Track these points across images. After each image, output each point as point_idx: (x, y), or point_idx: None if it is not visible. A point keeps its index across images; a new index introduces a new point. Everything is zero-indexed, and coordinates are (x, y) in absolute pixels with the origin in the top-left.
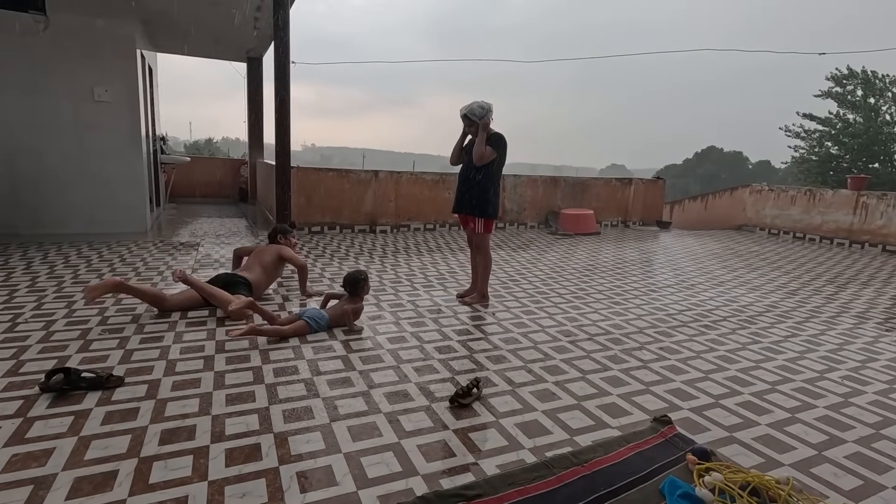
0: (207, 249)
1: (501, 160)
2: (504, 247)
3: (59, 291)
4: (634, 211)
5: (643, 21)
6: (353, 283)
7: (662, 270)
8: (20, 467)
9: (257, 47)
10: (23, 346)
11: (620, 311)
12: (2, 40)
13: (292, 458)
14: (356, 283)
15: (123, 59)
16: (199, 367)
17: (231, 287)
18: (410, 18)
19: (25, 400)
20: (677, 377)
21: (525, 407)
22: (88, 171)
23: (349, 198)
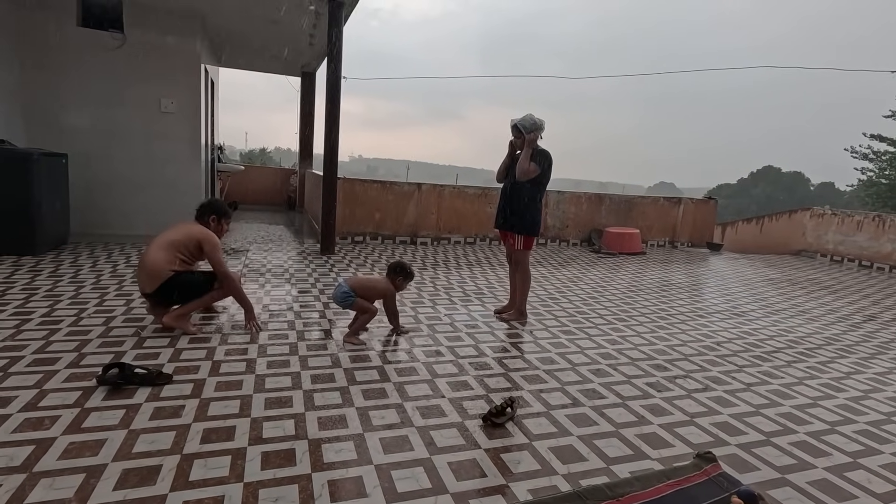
0: (255, 255)
1: (545, 178)
2: (545, 264)
3: (119, 289)
4: (683, 231)
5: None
6: (403, 269)
7: (712, 295)
8: (75, 455)
9: (311, 63)
10: (85, 339)
11: (665, 335)
12: (85, 56)
13: (325, 465)
14: (405, 269)
15: (189, 74)
16: (242, 369)
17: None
18: (459, 33)
19: (84, 391)
20: (725, 410)
21: (560, 431)
22: (152, 176)
23: (392, 209)
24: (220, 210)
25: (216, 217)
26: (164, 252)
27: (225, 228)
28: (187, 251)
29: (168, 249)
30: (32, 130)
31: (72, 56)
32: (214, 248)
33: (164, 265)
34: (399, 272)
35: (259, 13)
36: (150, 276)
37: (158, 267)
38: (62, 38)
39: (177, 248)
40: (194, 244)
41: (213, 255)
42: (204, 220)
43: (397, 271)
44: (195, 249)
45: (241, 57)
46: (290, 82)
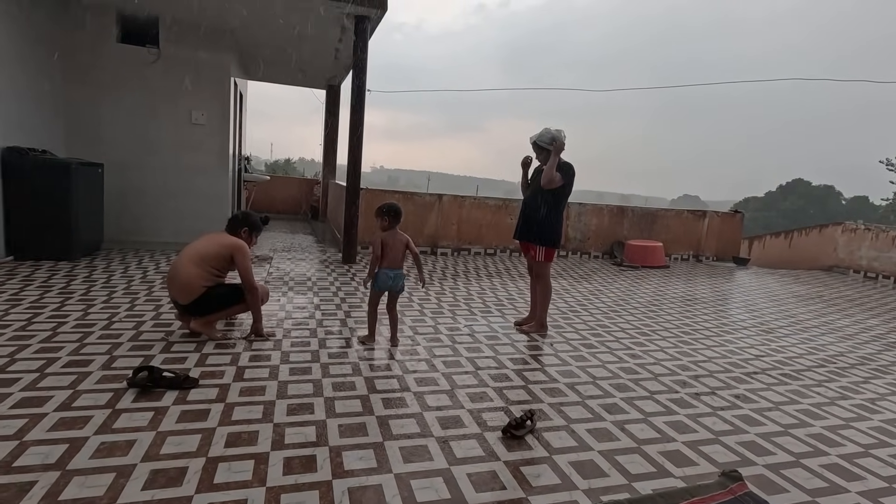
0: (279, 263)
1: (567, 189)
2: (566, 276)
3: (149, 295)
4: (708, 245)
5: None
6: (397, 212)
7: (738, 310)
8: (106, 455)
9: (336, 76)
10: (116, 342)
11: (689, 351)
12: (123, 70)
13: (345, 473)
14: (399, 212)
15: (219, 87)
16: (265, 375)
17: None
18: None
19: (114, 393)
20: (752, 429)
21: (581, 445)
22: (181, 185)
23: (413, 220)
24: (253, 224)
25: (248, 230)
26: (198, 268)
27: (254, 242)
28: (219, 265)
29: (201, 265)
30: (71, 141)
31: (110, 71)
32: (245, 257)
33: (198, 281)
34: (243, 223)
35: (287, 28)
36: (184, 291)
37: (193, 283)
38: (102, 54)
39: (209, 262)
40: (226, 256)
41: (243, 264)
42: (236, 232)
43: (240, 222)
44: (227, 262)
45: (268, 70)
46: (316, 95)
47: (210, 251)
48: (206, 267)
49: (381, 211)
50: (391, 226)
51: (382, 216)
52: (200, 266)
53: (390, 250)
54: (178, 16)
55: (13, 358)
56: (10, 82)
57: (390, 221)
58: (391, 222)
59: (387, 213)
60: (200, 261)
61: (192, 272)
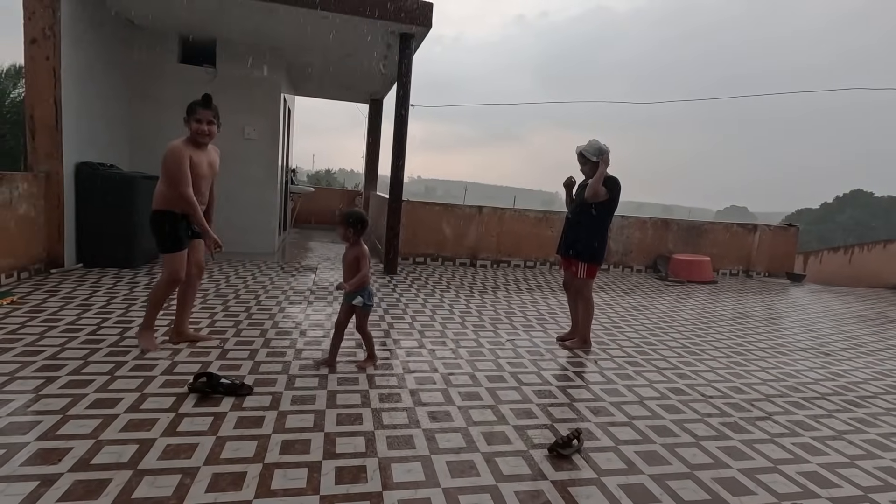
0: (323, 273)
1: (613, 204)
2: (608, 290)
3: (203, 302)
4: (759, 260)
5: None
6: (365, 222)
7: (794, 330)
8: (172, 456)
9: (380, 90)
10: (176, 349)
11: (741, 372)
12: (182, 89)
13: (395, 485)
14: (367, 221)
15: (270, 103)
16: (315, 384)
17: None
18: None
19: (177, 397)
20: (814, 458)
21: (630, 468)
22: (232, 197)
23: (453, 231)
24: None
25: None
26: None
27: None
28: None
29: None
30: (135, 155)
31: (171, 89)
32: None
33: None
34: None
35: (335, 47)
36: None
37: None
38: (164, 74)
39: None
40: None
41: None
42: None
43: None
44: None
45: (315, 86)
46: (359, 109)
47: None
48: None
49: (346, 220)
50: (358, 237)
51: (348, 226)
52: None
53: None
54: (234, 37)
55: (86, 360)
56: (86, 103)
57: (356, 233)
58: (357, 234)
59: (355, 222)
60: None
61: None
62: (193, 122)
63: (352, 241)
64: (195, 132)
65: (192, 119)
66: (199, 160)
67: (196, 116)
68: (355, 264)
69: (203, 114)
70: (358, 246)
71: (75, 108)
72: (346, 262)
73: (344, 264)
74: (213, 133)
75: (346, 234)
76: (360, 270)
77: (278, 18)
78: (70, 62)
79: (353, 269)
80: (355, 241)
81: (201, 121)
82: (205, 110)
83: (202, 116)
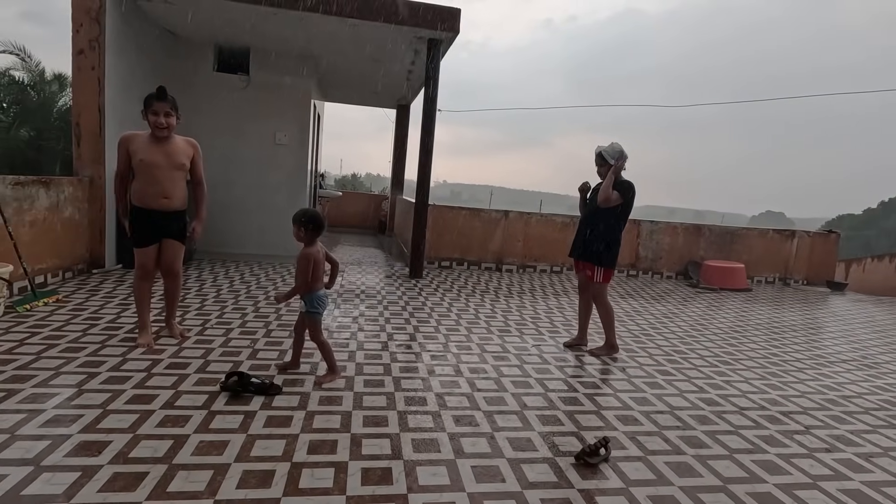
0: (350, 276)
1: (627, 208)
2: (636, 297)
3: (236, 303)
4: (797, 268)
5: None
6: (320, 223)
7: (835, 341)
8: (205, 452)
9: (407, 96)
10: (209, 348)
11: (778, 384)
12: (217, 96)
13: (420, 488)
14: (322, 223)
15: (300, 109)
16: (342, 385)
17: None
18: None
19: (209, 395)
20: (856, 475)
21: (659, 478)
22: (263, 201)
23: (479, 236)
24: (147, 99)
25: (144, 108)
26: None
27: (156, 121)
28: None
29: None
30: None
31: (206, 96)
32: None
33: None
34: (316, 221)
35: (364, 54)
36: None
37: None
38: (200, 81)
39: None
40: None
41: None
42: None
43: (318, 223)
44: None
45: (344, 92)
46: (387, 114)
47: None
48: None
49: (298, 219)
50: (311, 239)
51: (300, 225)
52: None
53: (319, 268)
54: (267, 46)
55: (125, 358)
56: (127, 110)
57: (308, 234)
58: (310, 235)
59: (307, 222)
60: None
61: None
62: (150, 115)
63: (304, 241)
64: (152, 125)
65: (148, 112)
66: (153, 151)
67: (152, 109)
68: (298, 265)
69: (159, 106)
70: (307, 248)
71: (118, 116)
72: (320, 266)
73: (319, 269)
74: (170, 125)
75: (298, 235)
76: (297, 275)
77: (310, 27)
78: (113, 72)
79: (298, 271)
80: (307, 243)
81: (157, 113)
82: (160, 102)
83: (158, 108)
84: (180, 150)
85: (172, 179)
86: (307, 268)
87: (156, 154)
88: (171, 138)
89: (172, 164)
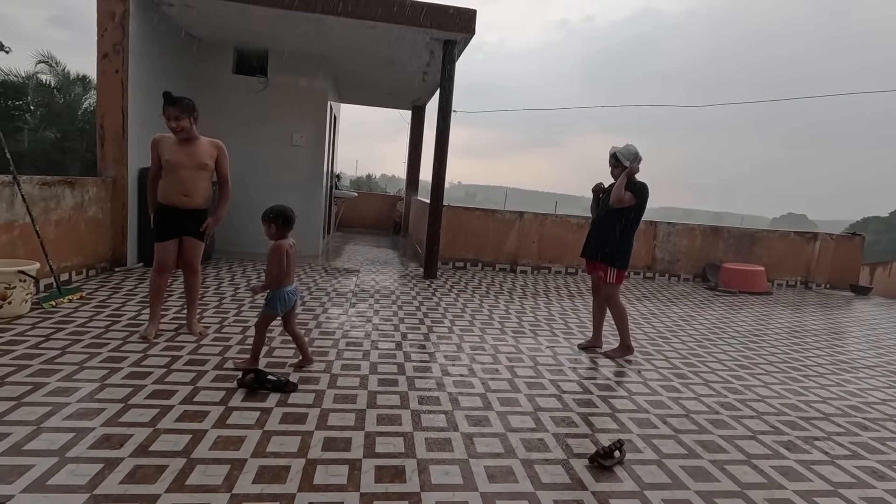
0: (365, 276)
1: (640, 210)
2: (653, 299)
3: (253, 302)
4: (820, 271)
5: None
6: (288, 218)
7: (858, 346)
8: (222, 447)
9: (422, 97)
10: (226, 345)
11: (798, 389)
12: (236, 97)
13: (433, 486)
14: (291, 218)
15: (317, 111)
16: (356, 384)
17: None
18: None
19: (227, 391)
20: (879, 483)
21: (675, 483)
22: (280, 202)
23: (493, 237)
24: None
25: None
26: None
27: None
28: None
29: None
30: None
31: (224, 98)
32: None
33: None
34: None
35: (381, 55)
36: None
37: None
38: (220, 83)
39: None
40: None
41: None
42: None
43: (287, 218)
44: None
45: (360, 94)
46: (402, 115)
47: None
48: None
49: (266, 216)
50: (281, 234)
51: (269, 222)
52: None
53: (290, 261)
54: (285, 48)
55: (145, 353)
56: (149, 112)
57: (278, 229)
58: (280, 230)
59: (275, 218)
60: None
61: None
62: (165, 120)
63: (275, 237)
64: (169, 128)
65: (164, 117)
66: (177, 152)
67: (164, 114)
68: (268, 260)
69: (168, 111)
70: (277, 243)
71: (140, 118)
72: (291, 261)
73: (290, 265)
74: (182, 127)
75: (269, 232)
76: (270, 268)
77: (328, 30)
78: (136, 74)
79: (269, 265)
80: (277, 238)
81: (168, 118)
82: (169, 108)
83: (168, 114)
84: (204, 151)
85: (194, 179)
86: (280, 260)
87: (180, 154)
88: (197, 139)
89: (195, 164)
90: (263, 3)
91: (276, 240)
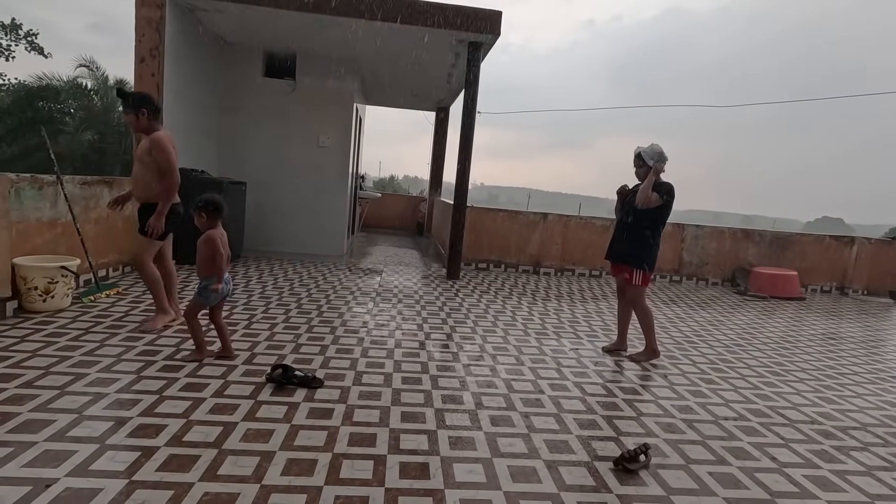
0: (388, 276)
1: (666, 211)
2: (680, 302)
3: (279, 300)
4: (857, 276)
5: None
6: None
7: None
8: (251, 440)
9: (446, 98)
10: (255, 341)
11: (833, 397)
12: (265, 101)
13: (457, 484)
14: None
15: (343, 113)
16: (380, 381)
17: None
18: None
19: (256, 386)
20: None
21: (702, 489)
22: (306, 202)
23: (516, 238)
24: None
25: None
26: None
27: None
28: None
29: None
30: (222, 162)
31: (254, 101)
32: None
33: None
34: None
35: (406, 57)
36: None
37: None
38: (249, 87)
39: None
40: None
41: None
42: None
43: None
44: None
45: (385, 95)
46: (426, 116)
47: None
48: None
49: (196, 206)
50: (212, 224)
51: (199, 212)
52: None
53: (224, 252)
54: (313, 51)
55: (178, 348)
56: (183, 114)
57: (209, 218)
58: (211, 219)
59: (204, 207)
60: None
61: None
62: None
63: (206, 227)
64: None
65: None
66: (138, 147)
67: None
68: (201, 250)
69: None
70: (209, 233)
71: (174, 120)
72: (226, 250)
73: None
74: (130, 122)
75: (200, 222)
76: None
77: (355, 33)
78: (171, 78)
79: (202, 256)
80: (208, 228)
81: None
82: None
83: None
84: (143, 146)
85: (136, 173)
86: (216, 249)
87: (137, 150)
88: (147, 135)
89: (138, 158)
90: (293, 7)
91: (208, 230)
